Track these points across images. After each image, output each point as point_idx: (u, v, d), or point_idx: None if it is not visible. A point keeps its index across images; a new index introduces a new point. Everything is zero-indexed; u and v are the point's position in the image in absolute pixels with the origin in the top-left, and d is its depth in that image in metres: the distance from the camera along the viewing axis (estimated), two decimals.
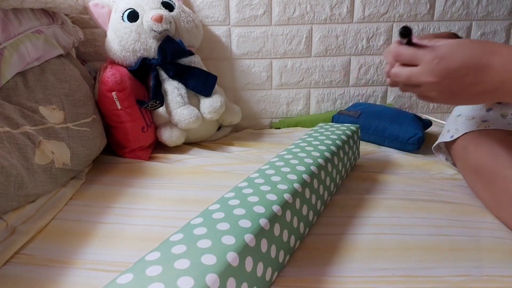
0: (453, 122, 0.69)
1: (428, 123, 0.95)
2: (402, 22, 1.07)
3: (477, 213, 0.57)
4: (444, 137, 0.69)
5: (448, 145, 0.69)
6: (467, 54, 0.41)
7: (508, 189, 0.52)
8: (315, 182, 0.53)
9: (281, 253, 0.43)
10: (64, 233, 0.54)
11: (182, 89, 0.87)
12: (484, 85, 0.40)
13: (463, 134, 0.63)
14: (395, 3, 1.04)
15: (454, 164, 0.72)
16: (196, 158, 0.81)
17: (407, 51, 0.45)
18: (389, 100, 1.15)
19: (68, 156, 0.64)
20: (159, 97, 0.83)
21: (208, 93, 0.89)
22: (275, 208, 0.42)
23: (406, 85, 0.48)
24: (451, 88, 0.42)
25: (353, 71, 1.11)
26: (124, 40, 0.85)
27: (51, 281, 0.44)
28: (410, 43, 0.47)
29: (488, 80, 0.40)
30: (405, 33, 0.45)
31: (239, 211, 0.40)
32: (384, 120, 0.90)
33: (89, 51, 1.04)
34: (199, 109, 0.88)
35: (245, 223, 0.38)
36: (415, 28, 1.07)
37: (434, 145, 0.72)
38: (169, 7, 0.89)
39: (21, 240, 0.49)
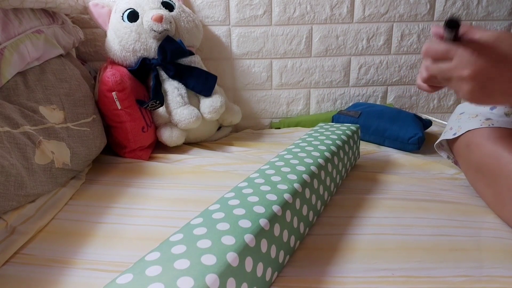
0: (456, 120, 0.69)
1: (428, 123, 0.95)
2: (402, 22, 1.06)
3: (478, 213, 0.57)
4: (446, 135, 0.68)
5: (451, 143, 0.69)
6: (508, 48, 0.39)
7: (511, 188, 0.52)
8: (315, 182, 0.53)
9: (281, 253, 0.42)
10: (64, 233, 0.54)
11: (182, 89, 0.87)
12: None
13: (466, 132, 0.63)
14: (395, 3, 1.04)
15: (455, 163, 0.72)
16: (196, 158, 0.80)
17: (439, 47, 0.43)
18: (389, 100, 1.15)
19: (68, 156, 0.64)
20: (159, 97, 0.83)
21: (208, 93, 0.89)
22: (275, 208, 0.42)
23: (439, 79, 0.45)
24: (486, 85, 0.40)
25: (353, 71, 1.11)
26: (124, 40, 0.85)
27: (51, 281, 0.43)
28: (456, 38, 0.42)
29: None
30: (452, 25, 0.40)
31: (239, 211, 0.40)
32: (384, 120, 0.90)
33: (89, 51, 1.04)
34: (199, 109, 0.88)
35: (245, 223, 0.38)
36: (415, 28, 1.07)
37: (436, 142, 0.72)
38: (169, 7, 0.89)
39: (21, 240, 0.49)
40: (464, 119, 0.67)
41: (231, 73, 1.08)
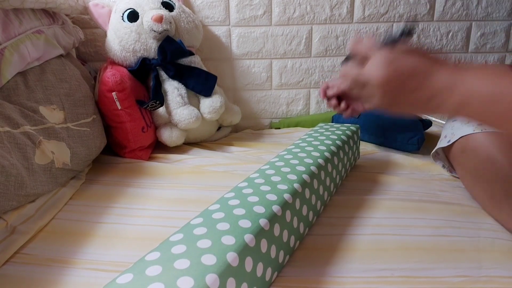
0: (449, 128, 0.69)
1: (428, 123, 0.95)
2: (402, 22, 1.07)
3: (476, 214, 0.57)
4: (441, 143, 0.69)
5: (446, 151, 0.69)
6: (417, 59, 0.41)
7: (507, 191, 0.52)
8: (315, 182, 0.53)
9: (281, 253, 0.43)
10: (64, 233, 0.54)
11: (182, 89, 0.87)
12: (424, 91, 0.40)
13: (459, 138, 0.64)
14: (395, 3, 1.04)
15: (450, 171, 0.72)
16: (196, 158, 0.81)
17: (361, 46, 0.45)
18: None
19: (68, 156, 0.64)
20: (159, 97, 0.83)
21: (208, 93, 0.89)
22: (275, 208, 0.42)
23: (353, 84, 0.46)
24: (394, 91, 0.42)
25: None
26: (124, 40, 0.85)
27: (51, 281, 0.44)
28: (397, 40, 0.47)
29: (429, 86, 0.40)
30: (407, 31, 0.46)
31: (239, 211, 0.40)
32: (384, 120, 0.90)
33: (89, 51, 1.04)
34: (199, 109, 0.88)
35: (245, 223, 0.38)
36: (415, 28, 1.07)
37: (432, 152, 0.72)
38: (169, 7, 0.89)
39: (21, 239, 0.49)
40: (457, 126, 0.67)
41: (231, 73, 1.08)
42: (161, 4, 0.88)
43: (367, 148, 0.88)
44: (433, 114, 0.44)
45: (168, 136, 0.85)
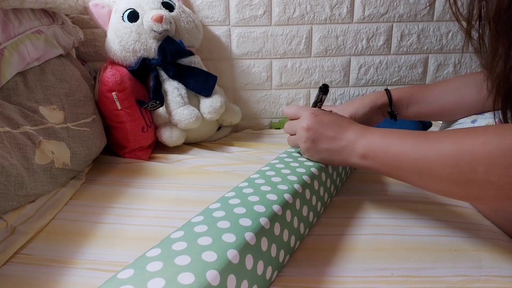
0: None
1: (428, 124, 0.95)
2: (402, 22, 1.07)
3: (475, 215, 0.57)
4: None
5: None
6: (336, 116, 0.54)
7: None
8: (316, 183, 0.53)
9: (281, 252, 0.43)
10: (64, 233, 0.54)
11: (182, 89, 0.87)
12: (339, 141, 0.51)
13: None
14: (395, 3, 1.04)
15: None
16: (196, 158, 0.81)
17: (292, 108, 0.58)
18: None
19: (68, 156, 0.64)
20: (159, 97, 0.83)
21: (208, 93, 0.89)
22: (275, 207, 0.42)
23: (289, 132, 0.59)
24: (317, 137, 0.53)
25: (353, 71, 1.11)
26: (124, 40, 0.85)
27: (51, 281, 0.44)
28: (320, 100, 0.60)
29: (343, 138, 0.51)
30: (324, 90, 0.59)
31: (240, 210, 0.41)
32: (384, 123, 0.90)
33: (89, 51, 1.04)
34: (199, 109, 0.88)
35: (246, 222, 0.38)
36: (415, 28, 1.07)
37: None
38: (169, 7, 0.89)
39: (21, 240, 0.49)
40: (455, 127, 0.67)
41: (230, 73, 1.08)
42: (161, 4, 0.88)
43: None
44: (346, 163, 0.52)
45: (168, 136, 0.85)
